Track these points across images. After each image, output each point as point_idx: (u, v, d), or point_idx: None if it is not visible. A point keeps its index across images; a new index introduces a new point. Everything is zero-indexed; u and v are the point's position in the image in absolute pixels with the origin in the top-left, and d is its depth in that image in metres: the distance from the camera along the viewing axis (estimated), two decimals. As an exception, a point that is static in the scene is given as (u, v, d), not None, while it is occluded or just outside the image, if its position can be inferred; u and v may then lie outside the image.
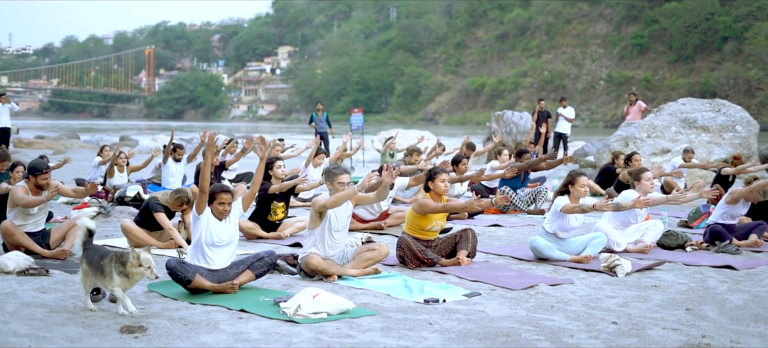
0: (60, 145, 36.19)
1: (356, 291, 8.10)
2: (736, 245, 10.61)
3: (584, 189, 9.76)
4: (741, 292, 8.15)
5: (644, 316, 7.15)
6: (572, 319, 7.04)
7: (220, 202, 8.04)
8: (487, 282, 8.47)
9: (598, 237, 9.91)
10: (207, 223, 8.02)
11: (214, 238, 8.01)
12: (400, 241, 9.27)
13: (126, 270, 6.91)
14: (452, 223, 13.27)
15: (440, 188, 9.45)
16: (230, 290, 7.85)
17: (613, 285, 8.46)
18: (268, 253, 8.33)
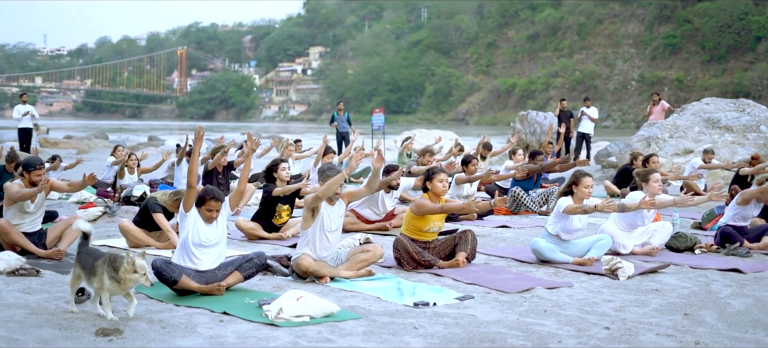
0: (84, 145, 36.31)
1: (346, 293, 7.91)
2: (746, 248, 10.30)
3: (588, 190, 9.50)
4: (745, 296, 7.88)
5: (639, 321, 6.91)
6: (564, 323, 6.81)
7: (209, 209, 7.86)
8: (482, 285, 8.25)
9: (603, 239, 9.64)
10: (194, 223, 7.85)
11: (202, 238, 7.83)
12: (396, 243, 9.06)
13: (118, 275, 6.67)
14: (460, 223, 13.07)
15: (438, 188, 9.23)
16: (217, 292, 7.67)
17: (613, 288, 8.21)
18: (257, 255, 8.15)
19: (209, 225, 7.91)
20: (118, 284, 6.70)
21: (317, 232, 8.49)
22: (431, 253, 9.23)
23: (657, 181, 10.26)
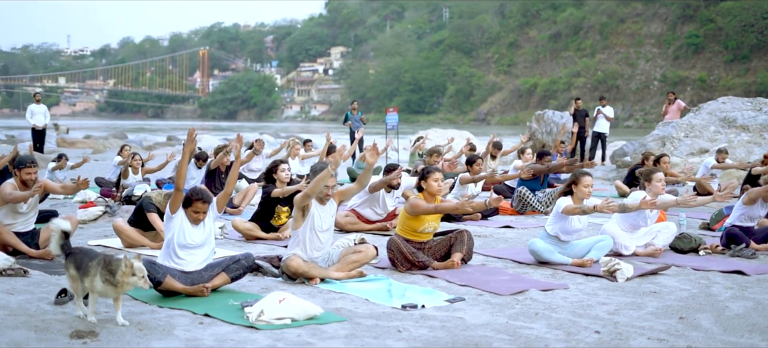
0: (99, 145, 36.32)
1: (335, 295, 7.72)
2: (752, 249, 10.03)
3: (587, 189, 9.26)
4: (745, 299, 7.64)
5: (632, 324, 6.69)
6: (554, 327, 6.61)
7: (196, 210, 7.70)
8: (475, 286, 8.05)
9: (604, 240, 9.41)
10: (180, 224, 7.69)
11: (187, 240, 7.67)
12: (389, 243, 8.87)
13: (114, 279, 6.43)
14: (464, 223, 12.87)
15: (433, 188, 9.03)
16: (201, 293, 7.50)
17: (610, 291, 7.99)
18: (245, 256, 7.99)
19: (196, 226, 7.75)
20: (113, 287, 6.46)
21: (308, 232, 8.31)
22: (426, 254, 9.04)
23: (660, 180, 10.02)
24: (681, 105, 24.73)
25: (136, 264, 6.49)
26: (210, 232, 7.87)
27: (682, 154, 21.18)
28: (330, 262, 8.48)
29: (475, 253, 9.97)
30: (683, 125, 22.19)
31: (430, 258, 8.96)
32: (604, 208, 8.91)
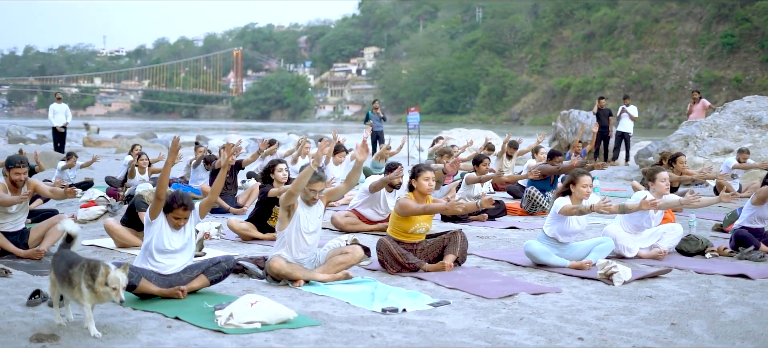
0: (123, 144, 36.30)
1: (316, 298, 7.45)
2: (762, 251, 9.66)
3: (586, 189, 8.93)
4: (744, 304, 7.28)
5: (620, 331, 6.38)
6: (536, 333, 6.31)
7: (176, 217, 7.46)
8: (463, 290, 7.75)
9: (604, 241, 9.07)
10: (160, 228, 7.45)
11: (166, 244, 7.44)
12: (379, 244, 8.58)
13: (94, 285, 6.12)
14: (469, 224, 12.58)
15: (424, 187, 8.74)
16: (176, 296, 7.28)
17: (604, 294, 7.67)
18: (226, 259, 7.76)
19: (176, 231, 7.52)
20: (95, 294, 6.15)
21: (293, 234, 8.06)
22: (418, 256, 8.75)
23: (664, 180, 9.65)
24: (706, 104, 24.27)
25: (111, 274, 6.14)
26: (190, 237, 7.64)
27: (706, 154, 20.74)
28: (316, 263, 8.23)
29: (471, 254, 9.71)
30: (707, 125, 21.74)
31: (422, 260, 8.67)
32: (601, 208, 8.58)
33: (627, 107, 25.40)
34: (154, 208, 7.48)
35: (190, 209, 7.50)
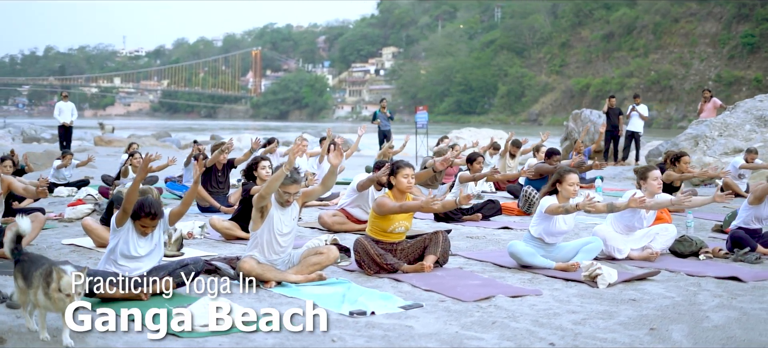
0: (133, 143, 36.11)
1: (284, 300, 7.19)
2: (759, 253, 9.31)
3: (573, 187, 8.61)
4: (731, 309, 6.95)
5: (595, 336, 6.08)
6: (506, 338, 6.02)
7: (143, 225, 7.21)
8: (440, 292, 7.45)
9: (592, 242, 8.74)
10: (127, 234, 7.21)
11: (132, 250, 7.21)
12: (356, 244, 8.28)
13: (49, 291, 5.80)
14: (462, 224, 12.29)
15: (402, 185, 8.45)
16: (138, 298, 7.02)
17: (586, 297, 7.35)
18: (194, 261, 7.50)
19: (144, 238, 7.27)
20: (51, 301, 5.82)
21: (266, 235, 7.81)
22: (398, 256, 8.46)
23: (656, 179, 9.31)
24: (717, 103, 23.84)
25: (64, 279, 5.79)
26: (158, 242, 7.39)
27: (716, 153, 20.35)
28: (290, 264, 7.95)
29: (456, 255, 9.43)
30: (717, 124, 21.33)
31: (401, 261, 8.37)
32: (588, 206, 8.25)
33: (637, 106, 24.99)
34: (121, 218, 7.24)
35: (158, 218, 7.26)
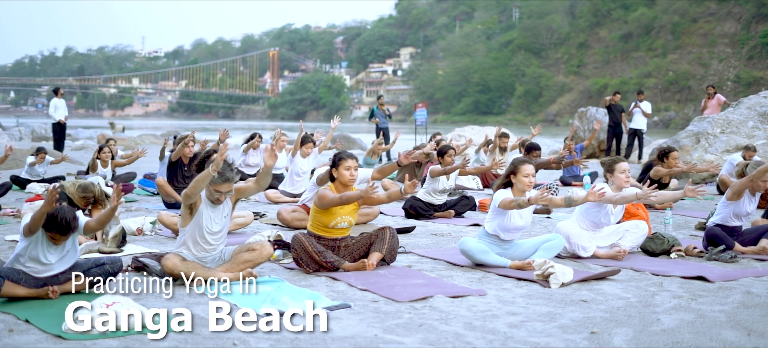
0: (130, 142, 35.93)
1: (203, 299, 6.63)
2: (736, 252, 8.70)
3: (528, 179, 8.02)
4: (687, 311, 6.35)
5: (527, 340, 5.51)
6: (429, 342, 5.47)
7: (53, 237, 6.66)
8: (375, 291, 6.89)
9: (553, 239, 8.15)
10: (37, 241, 6.67)
11: (41, 257, 6.68)
12: (293, 241, 7.72)
13: None
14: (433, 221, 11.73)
15: (345, 177, 7.90)
16: (45, 296, 6.54)
17: (534, 298, 6.77)
18: (111, 261, 6.96)
19: (55, 247, 6.73)
20: None
21: (195, 232, 7.27)
22: (342, 253, 7.91)
23: (623, 172, 8.69)
24: (721, 100, 23.18)
25: None
26: (71, 247, 6.84)
27: (717, 151, 19.67)
28: (221, 261, 7.40)
29: (411, 253, 8.86)
30: (719, 121, 20.63)
31: (343, 258, 7.82)
32: (541, 200, 7.66)
33: (640, 103, 24.33)
34: (28, 231, 6.68)
35: (67, 235, 6.68)
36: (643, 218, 9.50)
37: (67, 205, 6.80)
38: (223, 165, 7.24)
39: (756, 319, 6.10)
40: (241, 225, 10.38)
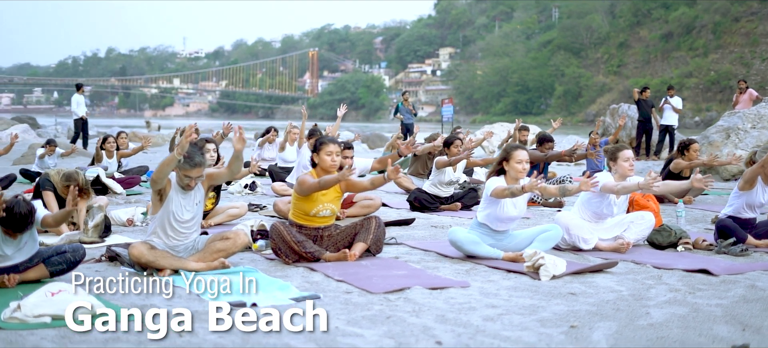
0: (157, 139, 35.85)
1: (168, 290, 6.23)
2: (748, 245, 8.20)
3: (521, 166, 7.58)
4: (682, 305, 5.89)
5: (498, 334, 5.10)
6: (390, 335, 5.08)
7: (7, 232, 6.34)
8: (351, 283, 6.50)
9: (550, 230, 7.68)
10: None
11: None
12: (271, 230, 7.33)
13: None
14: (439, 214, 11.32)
15: (326, 163, 7.50)
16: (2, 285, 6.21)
17: (519, 291, 6.33)
18: (73, 249, 6.62)
19: (12, 240, 6.41)
20: None
21: (166, 219, 6.90)
22: (325, 243, 7.52)
23: (627, 160, 8.22)
24: (753, 94, 22.54)
25: None
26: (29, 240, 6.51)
27: (748, 146, 19.05)
28: (194, 250, 7.03)
29: (401, 244, 8.46)
30: (750, 116, 20.03)
31: (324, 248, 7.42)
32: (534, 187, 7.22)
33: (670, 98, 23.73)
34: None
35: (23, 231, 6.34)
36: (652, 210, 9.01)
37: (23, 200, 6.45)
38: (191, 149, 6.88)
39: (755, 314, 5.64)
40: (235, 216, 10.04)
